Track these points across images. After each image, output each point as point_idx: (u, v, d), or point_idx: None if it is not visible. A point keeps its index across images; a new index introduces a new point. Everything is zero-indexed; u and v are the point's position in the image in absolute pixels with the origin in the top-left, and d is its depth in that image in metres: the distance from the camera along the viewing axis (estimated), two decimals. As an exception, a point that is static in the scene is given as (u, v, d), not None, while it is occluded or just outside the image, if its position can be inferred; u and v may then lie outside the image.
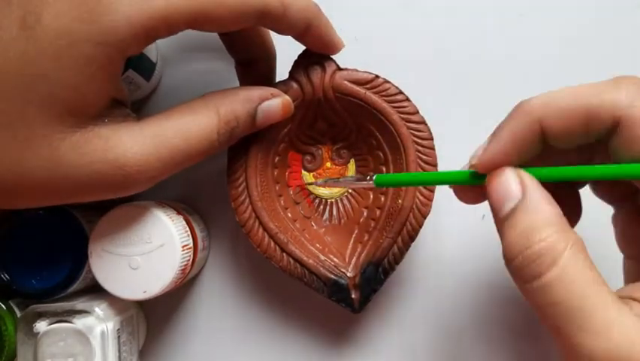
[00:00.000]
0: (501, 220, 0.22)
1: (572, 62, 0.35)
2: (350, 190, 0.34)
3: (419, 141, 0.31)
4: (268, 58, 0.32)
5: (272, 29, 0.27)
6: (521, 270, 0.20)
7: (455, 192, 0.26)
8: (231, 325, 0.35)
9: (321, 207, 0.34)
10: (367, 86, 0.30)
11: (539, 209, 0.21)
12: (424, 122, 0.30)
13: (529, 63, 0.35)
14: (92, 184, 0.24)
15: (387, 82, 0.30)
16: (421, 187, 0.31)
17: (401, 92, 0.30)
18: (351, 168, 0.34)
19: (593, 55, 0.35)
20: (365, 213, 0.33)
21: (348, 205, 0.34)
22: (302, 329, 0.35)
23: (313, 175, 0.34)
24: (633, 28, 0.35)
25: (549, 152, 0.23)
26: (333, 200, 0.34)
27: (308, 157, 0.34)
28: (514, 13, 0.35)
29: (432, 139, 0.31)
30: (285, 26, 0.27)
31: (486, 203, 0.35)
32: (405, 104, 0.30)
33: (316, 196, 0.34)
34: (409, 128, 0.30)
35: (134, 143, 0.24)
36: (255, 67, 0.31)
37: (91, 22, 0.22)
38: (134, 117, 0.26)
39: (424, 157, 0.31)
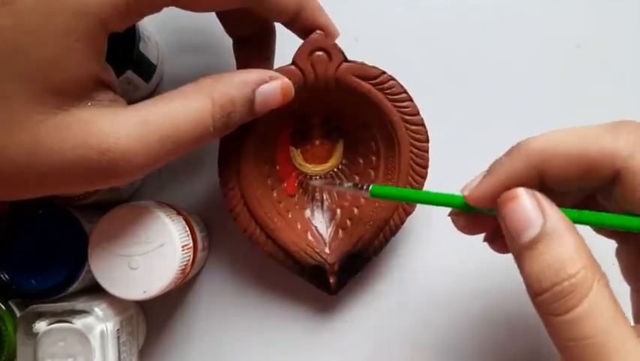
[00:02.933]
0: (520, 248, 0.21)
1: (573, 63, 0.35)
2: (336, 169, 0.34)
3: (415, 143, 0.31)
4: (267, 35, 0.30)
5: (260, 12, 0.26)
6: (549, 305, 0.20)
7: (453, 221, 0.26)
8: (231, 325, 0.35)
9: (304, 184, 0.34)
10: (373, 82, 0.30)
11: (564, 240, 0.20)
12: (422, 124, 0.30)
13: (530, 63, 0.35)
14: (76, 171, 0.22)
15: (393, 79, 0.30)
16: (408, 187, 0.31)
17: (405, 92, 0.30)
18: (339, 148, 0.34)
19: (594, 56, 0.35)
20: (349, 196, 0.33)
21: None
22: (302, 329, 0.35)
23: (300, 151, 0.34)
24: (635, 29, 0.35)
25: (546, 191, 0.22)
26: (317, 178, 0.34)
27: (297, 133, 0.34)
28: (515, 13, 0.35)
29: (427, 142, 0.31)
30: (275, 8, 0.26)
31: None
32: (407, 104, 0.30)
33: (301, 173, 0.34)
34: (407, 129, 0.30)
35: (119, 128, 0.23)
36: (252, 45, 0.30)
37: None
38: (123, 103, 0.25)
39: (416, 159, 0.31)
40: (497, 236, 0.26)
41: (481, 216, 0.24)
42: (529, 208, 0.21)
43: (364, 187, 0.28)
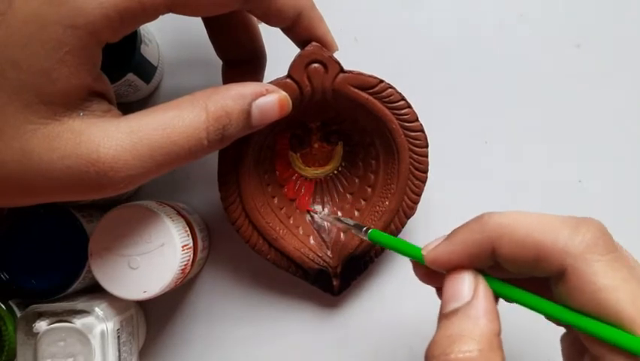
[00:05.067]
0: (441, 316, 0.22)
1: (573, 63, 0.35)
2: (336, 171, 0.34)
3: (414, 148, 0.31)
4: (257, 59, 0.30)
5: (259, 16, 0.26)
6: None
7: (413, 268, 0.26)
8: (231, 325, 0.35)
9: (303, 188, 0.34)
10: (371, 91, 0.29)
11: (476, 322, 0.21)
12: (421, 130, 0.30)
13: (530, 63, 0.35)
14: (65, 181, 0.22)
15: (391, 87, 0.30)
16: (408, 191, 0.31)
17: (403, 99, 0.30)
18: (339, 151, 0.34)
19: (594, 56, 0.35)
20: (350, 198, 0.33)
21: (333, 188, 0.34)
22: (303, 328, 0.35)
23: (300, 155, 0.34)
24: (635, 29, 0.35)
25: (500, 267, 0.22)
26: (317, 180, 0.34)
27: (295, 139, 0.33)
28: (514, 13, 0.35)
29: (427, 147, 0.31)
30: (273, 12, 0.25)
31: (484, 202, 0.35)
32: (406, 111, 0.30)
33: (300, 176, 0.34)
34: (406, 136, 0.30)
35: (109, 138, 0.22)
36: (242, 69, 0.30)
37: (60, 5, 0.21)
38: (116, 113, 0.24)
39: (416, 164, 0.31)
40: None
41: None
42: (465, 285, 0.22)
43: (364, 229, 0.28)
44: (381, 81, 0.29)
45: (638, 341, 0.19)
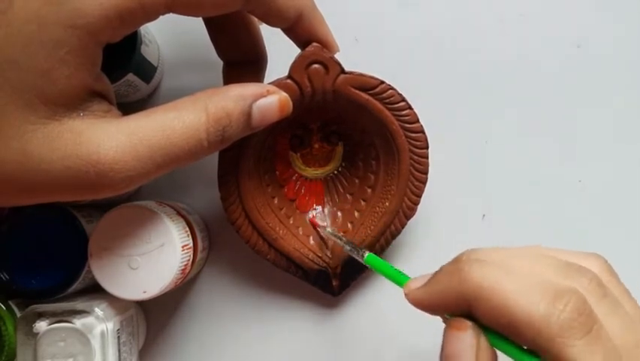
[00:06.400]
0: None
1: (573, 63, 0.35)
2: (336, 171, 0.34)
3: (415, 149, 0.31)
4: (258, 60, 0.30)
5: (260, 16, 0.26)
6: None
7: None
8: (231, 325, 0.35)
9: (303, 188, 0.34)
10: (371, 92, 0.29)
11: None
12: (422, 132, 0.30)
13: (530, 63, 0.35)
14: (65, 182, 0.22)
15: (392, 88, 0.30)
16: (408, 192, 0.31)
17: (404, 100, 0.30)
18: (339, 151, 0.34)
19: (594, 56, 0.35)
20: (350, 199, 0.33)
21: (333, 188, 0.34)
22: (303, 328, 0.35)
23: (300, 155, 0.34)
24: (635, 29, 0.35)
25: None
26: (317, 180, 0.34)
27: (296, 139, 0.33)
28: (515, 13, 0.35)
29: (427, 148, 0.31)
30: (274, 12, 0.25)
31: (484, 202, 0.35)
32: (406, 112, 0.30)
33: (301, 175, 0.34)
34: (407, 137, 0.30)
35: (109, 139, 0.22)
36: (242, 70, 0.30)
37: (60, 5, 0.21)
38: (117, 113, 0.24)
39: (416, 165, 0.31)
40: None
41: None
42: (467, 348, 0.21)
43: (360, 252, 0.28)
44: (382, 82, 0.29)
45: None
